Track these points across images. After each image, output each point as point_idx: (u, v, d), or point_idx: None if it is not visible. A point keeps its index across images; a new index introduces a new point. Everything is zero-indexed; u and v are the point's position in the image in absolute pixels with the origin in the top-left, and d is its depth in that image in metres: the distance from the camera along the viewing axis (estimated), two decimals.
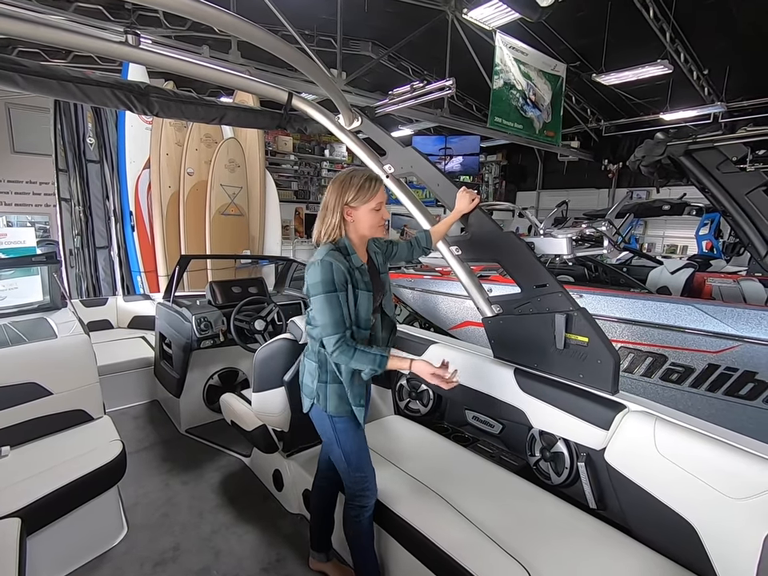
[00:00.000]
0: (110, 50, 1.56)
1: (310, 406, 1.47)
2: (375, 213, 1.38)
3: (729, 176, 2.98)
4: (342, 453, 1.46)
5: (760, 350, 2.63)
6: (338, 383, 1.41)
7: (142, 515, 2.03)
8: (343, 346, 1.28)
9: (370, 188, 1.36)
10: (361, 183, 1.36)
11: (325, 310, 1.28)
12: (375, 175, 1.41)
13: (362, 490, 1.48)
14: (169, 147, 4.61)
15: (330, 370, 1.42)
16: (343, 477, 1.49)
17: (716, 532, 1.22)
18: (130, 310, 3.91)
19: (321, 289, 1.28)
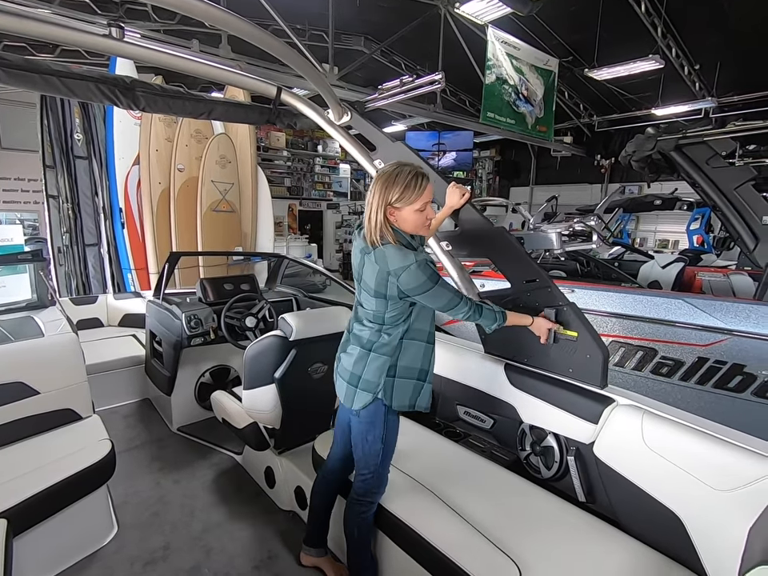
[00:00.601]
0: (94, 44, 1.53)
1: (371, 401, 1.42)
2: (420, 213, 1.34)
3: (718, 171, 3.00)
4: (381, 449, 1.45)
5: (748, 343, 2.66)
6: (406, 378, 1.43)
7: (132, 514, 2.02)
8: (472, 306, 1.41)
9: (417, 187, 1.31)
10: (407, 182, 1.30)
11: (443, 293, 1.34)
12: (422, 171, 1.35)
13: (377, 486, 1.49)
14: (158, 143, 4.56)
15: (401, 366, 1.42)
16: (365, 473, 1.48)
17: (702, 524, 1.24)
18: (121, 307, 3.87)
19: (431, 283, 1.31)
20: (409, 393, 1.44)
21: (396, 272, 1.30)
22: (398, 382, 1.42)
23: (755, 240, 2.93)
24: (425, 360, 1.45)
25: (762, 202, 3.03)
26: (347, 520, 1.54)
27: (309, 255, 9.68)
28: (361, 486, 1.49)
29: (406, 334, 1.42)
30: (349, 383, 1.45)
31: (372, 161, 2.02)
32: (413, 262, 1.28)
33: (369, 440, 1.45)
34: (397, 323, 1.40)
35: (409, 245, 1.36)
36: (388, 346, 1.40)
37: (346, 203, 11.92)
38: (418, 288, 1.31)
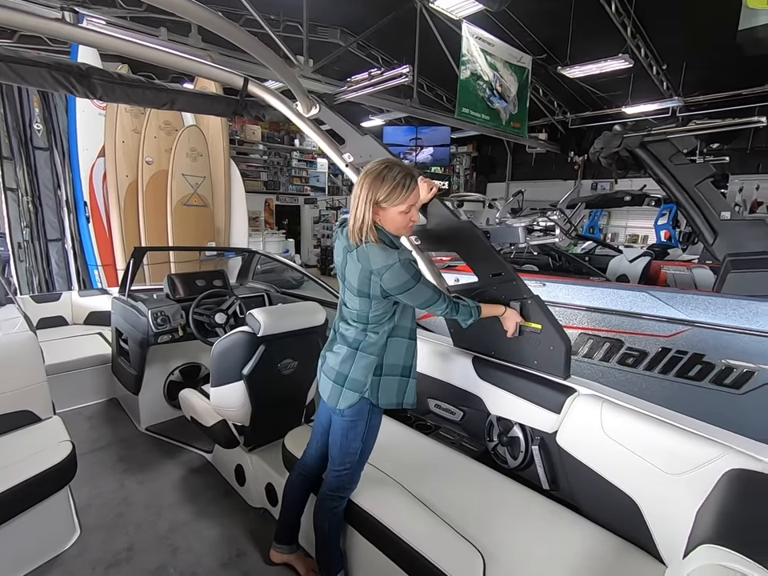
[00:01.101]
0: (44, 28, 1.46)
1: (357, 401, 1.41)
2: (404, 215, 1.33)
3: (680, 167, 3.11)
4: (360, 448, 1.45)
5: (707, 334, 2.78)
6: (391, 376, 1.43)
7: (95, 516, 1.96)
8: (450, 302, 1.43)
9: (405, 188, 1.29)
10: (395, 182, 1.28)
11: (424, 291, 1.36)
12: (412, 171, 1.33)
13: (350, 482, 1.49)
14: (125, 134, 4.41)
15: (387, 364, 1.42)
16: (340, 469, 1.47)
17: (656, 507, 1.28)
18: (86, 305, 3.74)
19: (413, 282, 1.32)
20: (395, 390, 1.44)
21: (379, 271, 1.29)
22: (384, 380, 1.42)
23: (714, 234, 3.05)
24: (408, 356, 1.46)
25: (721, 198, 3.16)
26: (318, 515, 1.53)
27: (286, 251, 9.57)
28: (334, 481, 1.49)
29: (393, 332, 1.42)
30: (335, 382, 1.44)
31: (341, 154, 2.00)
32: (396, 261, 1.28)
33: (349, 437, 1.45)
34: (381, 322, 1.40)
35: (391, 243, 1.35)
36: (375, 346, 1.40)
37: (324, 198, 11.82)
38: (400, 287, 1.31)
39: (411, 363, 1.48)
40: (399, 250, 1.33)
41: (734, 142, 8.47)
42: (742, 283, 2.78)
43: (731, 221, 3.10)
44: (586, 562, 1.27)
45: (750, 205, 8.72)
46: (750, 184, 8.73)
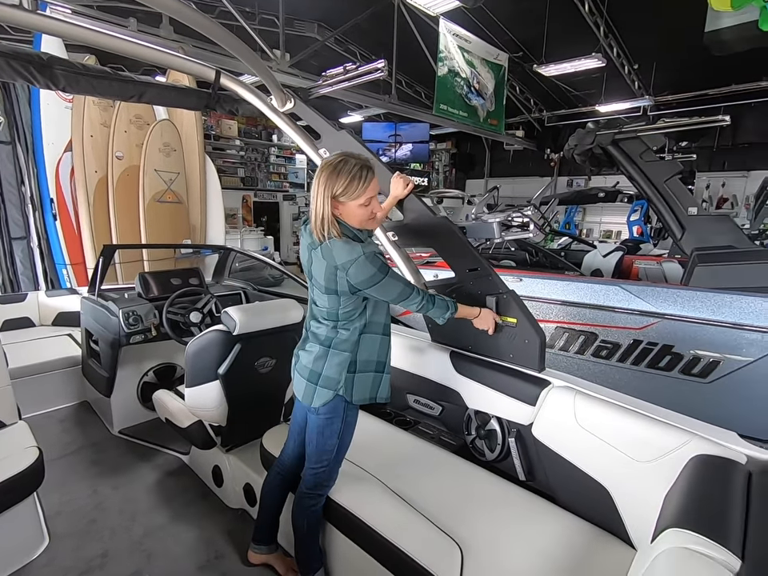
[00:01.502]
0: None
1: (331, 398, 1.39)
2: (364, 208, 1.30)
3: (650, 164, 3.20)
4: (336, 445, 1.44)
5: (676, 325, 2.88)
6: (365, 372, 1.42)
7: (66, 524, 1.89)
8: (425, 296, 1.42)
9: (361, 181, 1.26)
10: (351, 175, 1.25)
11: (393, 285, 1.33)
12: (369, 164, 1.30)
13: (328, 480, 1.48)
14: (93, 128, 4.25)
15: (360, 360, 1.41)
16: (317, 467, 1.46)
17: (626, 494, 1.32)
18: (54, 305, 3.60)
19: (380, 275, 1.29)
20: (369, 386, 1.44)
21: (344, 266, 1.27)
22: (358, 377, 1.41)
23: (682, 229, 3.16)
24: (381, 352, 1.46)
25: (688, 194, 3.27)
26: (296, 514, 1.52)
27: (265, 248, 9.43)
28: (311, 479, 1.48)
29: (365, 329, 1.41)
30: (308, 381, 1.42)
31: (317, 149, 1.98)
32: (360, 254, 1.26)
33: (325, 435, 1.44)
34: (351, 318, 1.38)
35: (355, 237, 1.33)
36: (347, 342, 1.39)
37: (303, 194, 11.69)
38: (367, 281, 1.28)
39: (385, 359, 1.48)
40: (363, 243, 1.31)
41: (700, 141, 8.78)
42: (708, 276, 2.89)
43: (698, 216, 3.21)
44: (560, 550, 1.30)
45: (716, 201, 9.07)
46: (716, 181, 9.07)
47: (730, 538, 0.84)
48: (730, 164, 8.99)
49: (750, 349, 2.61)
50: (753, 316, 2.59)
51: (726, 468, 1.10)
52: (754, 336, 2.59)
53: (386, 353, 1.48)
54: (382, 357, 1.46)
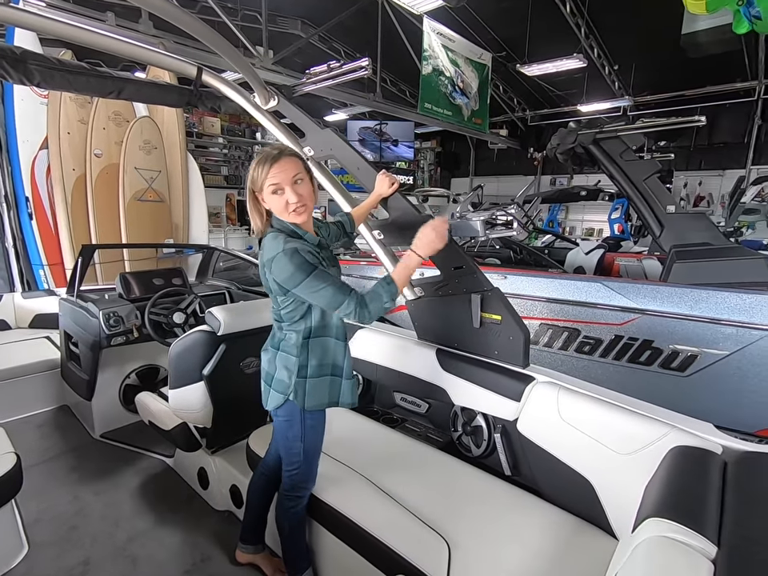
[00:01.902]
0: None
1: (282, 402, 1.37)
2: (278, 198, 1.25)
3: (630, 163, 3.27)
4: (302, 448, 1.41)
5: (656, 321, 2.94)
6: (319, 377, 1.37)
7: (45, 531, 1.85)
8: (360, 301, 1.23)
9: (261, 171, 1.24)
10: (255, 166, 1.26)
11: (320, 287, 1.20)
12: (272, 154, 1.25)
13: (304, 482, 1.46)
14: (70, 125, 4.14)
15: (312, 365, 1.35)
16: (290, 469, 1.45)
17: (608, 485, 1.36)
18: (31, 307, 3.50)
19: (301, 275, 1.19)
20: (326, 391, 1.39)
21: (267, 263, 1.24)
22: (311, 382, 1.36)
23: (661, 227, 3.23)
24: (337, 356, 1.40)
25: (666, 193, 3.34)
26: (278, 515, 1.52)
27: (249, 247, 9.33)
28: (287, 481, 1.47)
29: (312, 332, 1.35)
30: (264, 382, 1.42)
31: (302, 148, 1.96)
32: (279, 250, 1.20)
33: (288, 438, 1.42)
34: (295, 320, 1.33)
35: (293, 232, 1.28)
36: (294, 346, 1.35)
37: None
38: (288, 280, 1.21)
39: (342, 363, 1.42)
40: (287, 237, 1.23)
41: (678, 140, 8.99)
42: (686, 273, 2.96)
43: (676, 214, 3.29)
44: (545, 542, 1.33)
45: (693, 199, 9.31)
46: (693, 180, 9.31)
47: (706, 525, 0.86)
48: (707, 163, 9.23)
49: (726, 343, 2.69)
50: (728, 311, 2.67)
51: (703, 458, 1.13)
52: (730, 330, 2.67)
53: (343, 357, 1.42)
54: (338, 361, 1.41)
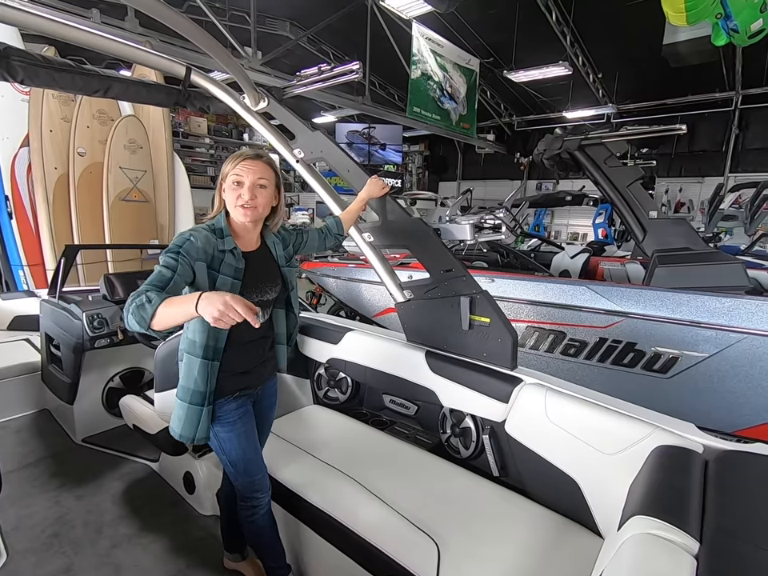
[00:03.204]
0: None
1: None
2: (234, 190, 1.25)
3: (614, 170, 3.34)
4: (226, 460, 1.37)
5: (639, 324, 3.01)
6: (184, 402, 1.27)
7: (25, 539, 1.80)
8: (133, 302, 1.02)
9: (232, 162, 1.27)
10: (230, 158, 1.28)
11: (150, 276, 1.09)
12: (250, 153, 1.29)
13: (252, 491, 1.41)
14: (53, 123, 4.05)
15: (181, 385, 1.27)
16: (232, 480, 1.42)
17: (593, 485, 1.38)
18: (10, 309, 3.41)
19: (162, 259, 1.12)
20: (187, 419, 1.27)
21: None
22: (180, 405, 1.29)
23: (643, 232, 3.31)
24: (200, 379, 1.24)
25: (649, 199, 3.43)
26: (241, 525, 1.49)
27: None
28: (239, 490, 1.43)
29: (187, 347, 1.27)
30: None
31: (292, 149, 1.96)
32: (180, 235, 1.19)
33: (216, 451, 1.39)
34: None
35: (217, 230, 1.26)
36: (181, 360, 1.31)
37: None
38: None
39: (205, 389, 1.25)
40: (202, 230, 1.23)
41: (660, 148, 9.23)
42: (668, 277, 3.04)
43: (658, 220, 3.37)
44: (532, 541, 1.34)
45: (674, 205, 9.56)
46: (674, 186, 9.57)
47: (689, 522, 0.89)
48: (687, 170, 9.50)
49: (706, 345, 2.77)
50: (708, 314, 2.75)
51: (686, 457, 1.16)
52: (709, 333, 2.75)
53: (207, 381, 1.25)
54: (199, 386, 1.25)
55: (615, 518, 1.12)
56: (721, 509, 0.94)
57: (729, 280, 2.88)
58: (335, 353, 2.15)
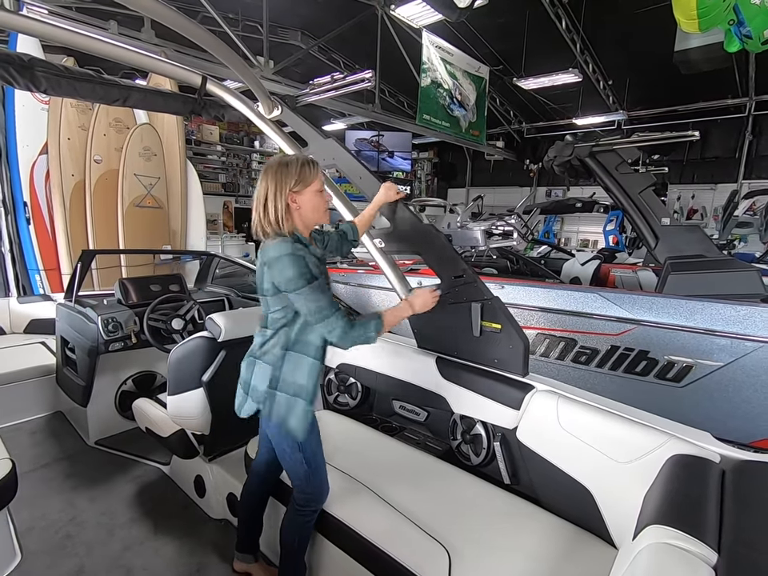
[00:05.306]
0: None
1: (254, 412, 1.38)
2: (320, 195, 1.35)
3: (625, 176, 3.32)
4: (303, 459, 1.39)
5: (651, 331, 2.97)
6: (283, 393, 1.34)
7: (39, 539, 1.82)
8: (347, 324, 1.28)
9: (311, 170, 1.32)
10: (300, 167, 1.31)
11: (312, 297, 1.25)
12: (311, 159, 1.36)
13: (318, 495, 1.45)
14: (71, 131, 4.15)
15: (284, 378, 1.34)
16: (299, 484, 1.43)
17: (607, 494, 1.36)
18: (26, 312, 3.47)
19: (303, 282, 1.24)
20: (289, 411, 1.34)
21: (269, 262, 1.27)
22: (279, 396, 1.34)
23: (656, 239, 3.28)
24: (309, 377, 1.35)
25: (661, 206, 3.40)
26: (287, 529, 1.48)
27: (246, 254, 9.33)
28: (300, 497, 1.44)
29: (292, 346, 1.34)
30: (242, 388, 1.42)
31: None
32: (287, 252, 1.24)
33: (287, 450, 1.40)
34: (278, 327, 1.34)
35: (299, 241, 1.31)
36: (270, 354, 1.35)
37: None
38: (286, 282, 1.25)
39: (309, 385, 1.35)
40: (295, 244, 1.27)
41: (672, 154, 9.16)
42: (681, 284, 3.00)
43: (670, 226, 3.34)
44: (544, 551, 1.33)
45: (687, 212, 9.45)
46: (687, 193, 9.47)
47: (706, 532, 0.87)
48: (699, 177, 9.39)
49: (720, 354, 2.72)
50: (722, 322, 2.70)
51: (702, 467, 1.15)
52: (724, 342, 2.70)
53: (313, 380, 1.36)
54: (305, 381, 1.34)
55: (629, 528, 1.11)
56: (739, 519, 0.92)
57: (744, 288, 2.83)
58: (345, 358, 2.16)
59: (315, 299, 1.25)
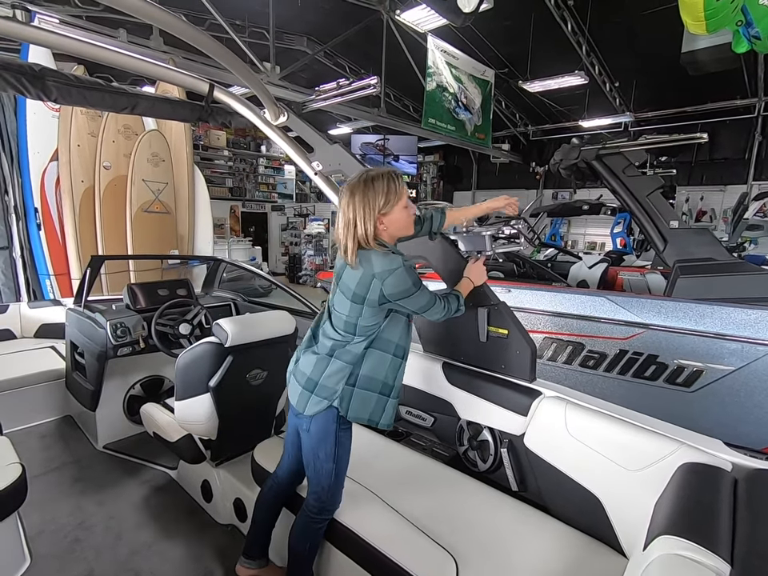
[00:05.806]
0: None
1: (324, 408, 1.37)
2: (406, 210, 1.35)
3: (633, 179, 3.30)
4: (333, 468, 1.40)
5: (660, 335, 2.94)
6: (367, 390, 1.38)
7: (48, 543, 1.83)
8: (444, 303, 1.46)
9: (396, 186, 1.31)
10: (386, 182, 1.29)
11: (423, 297, 1.37)
12: (394, 171, 1.35)
13: (332, 503, 1.45)
14: (80, 138, 4.21)
15: (362, 375, 1.37)
16: (319, 491, 1.42)
17: (617, 502, 1.34)
18: (37, 317, 3.52)
19: (414, 288, 1.32)
20: (370, 406, 1.39)
21: (381, 275, 1.27)
22: (358, 392, 1.37)
23: (664, 242, 3.25)
24: (390, 373, 1.40)
25: (669, 208, 3.37)
26: (297, 537, 1.47)
27: (253, 258, 9.39)
28: (315, 503, 1.44)
29: (372, 344, 1.38)
30: (304, 387, 1.40)
31: (310, 162, 2.00)
32: (400, 265, 1.28)
33: (320, 457, 1.40)
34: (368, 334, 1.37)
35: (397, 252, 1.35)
36: (350, 354, 1.37)
37: (292, 205, 11.70)
38: (403, 292, 1.30)
39: (393, 382, 1.41)
40: (402, 255, 1.33)
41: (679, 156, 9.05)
42: (690, 287, 2.97)
43: (679, 229, 3.31)
44: (552, 560, 1.31)
45: (696, 214, 9.35)
46: (695, 195, 9.37)
47: (719, 544, 0.86)
48: (708, 179, 9.30)
49: (731, 358, 2.68)
50: (733, 326, 2.67)
51: (714, 475, 1.13)
52: (735, 346, 2.66)
53: (395, 376, 1.42)
54: (389, 379, 1.40)
55: (640, 537, 1.09)
56: (752, 530, 0.90)
57: (755, 291, 2.79)
58: None
59: (424, 297, 1.37)
